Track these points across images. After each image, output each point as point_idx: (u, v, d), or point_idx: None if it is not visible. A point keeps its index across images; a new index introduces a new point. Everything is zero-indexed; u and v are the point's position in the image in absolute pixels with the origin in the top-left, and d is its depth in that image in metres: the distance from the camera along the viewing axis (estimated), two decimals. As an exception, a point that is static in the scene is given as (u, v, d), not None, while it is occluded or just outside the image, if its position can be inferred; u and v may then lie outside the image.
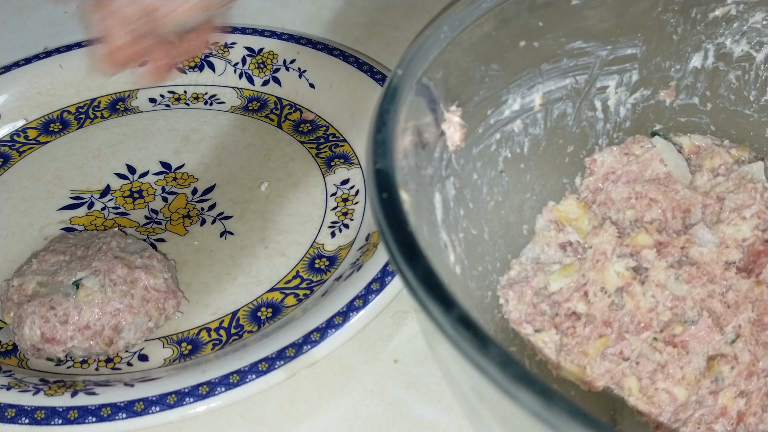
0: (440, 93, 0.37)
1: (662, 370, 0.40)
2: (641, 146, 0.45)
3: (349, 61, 0.64)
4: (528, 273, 0.42)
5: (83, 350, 0.49)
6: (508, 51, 0.40)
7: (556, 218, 0.44)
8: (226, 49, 0.67)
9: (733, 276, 0.42)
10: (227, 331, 0.51)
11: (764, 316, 0.41)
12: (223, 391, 0.44)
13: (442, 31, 0.37)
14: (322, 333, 0.46)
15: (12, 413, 0.44)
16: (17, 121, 0.65)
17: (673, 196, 0.44)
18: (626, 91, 0.44)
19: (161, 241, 0.56)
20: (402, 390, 0.47)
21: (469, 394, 0.30)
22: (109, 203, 0.59)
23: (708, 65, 0.44)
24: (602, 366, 0.40)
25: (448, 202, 0.38)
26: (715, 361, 0.40)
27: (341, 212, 0.57)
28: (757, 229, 0.42)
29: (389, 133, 0.33)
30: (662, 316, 0.41)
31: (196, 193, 0.59)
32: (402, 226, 0.30)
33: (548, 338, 0.40)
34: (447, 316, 0.27)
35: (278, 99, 0.66)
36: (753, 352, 0.40)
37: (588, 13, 0.42)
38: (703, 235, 0.42)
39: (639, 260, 0.42)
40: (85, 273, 0.49)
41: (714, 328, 0.40)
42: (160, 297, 0.50)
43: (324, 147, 0.62)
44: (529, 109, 0.42)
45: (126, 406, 0.44)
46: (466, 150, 0.39)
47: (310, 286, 0.53)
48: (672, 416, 0.40)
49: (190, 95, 0.67)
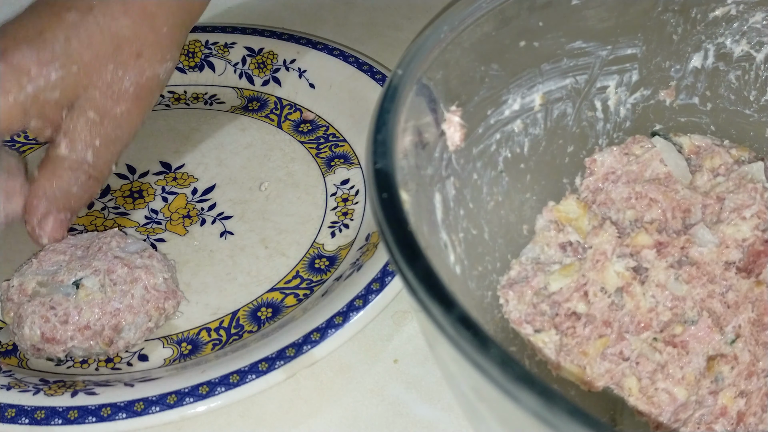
0: (440, 93, 0.37)
1: (662, 370, 0.40)
2: (641, 146, 0.45)
3: (349, 61, 0.64)
4: (528, 273, 0.42)
5: (83, 350, 0.49)
6: (508, 51, 0.40)
7: (556, 218, 0.44)
8: (226, 49, 0.67)
9: (733, 276, 0.42)
10: (227, 331, 0.51)
11: (764, 316, 0.41)
12: (223, 391, 0.44)
13: (442, 31, 0.37)
14: (322, 333, 0.46)
15: (12, 413, 0.44)
16: (17, 121, 0.65)
17: (673, 196, 0.44)
18: (626, 91, 0.44)
19: (161, 241, 0.56)
20: (402, 390, 0.47)
21: (469, 394, 0.30)
22: (109, 203, 0.59)
23: (708, 65, 0.44)
24: (602, 366, 0.40)
25: (448, 202, 0.38)
26: (715, 361, 0.40)
27: (341, 212, 0.57)
28: (757, 229, 0.42)
29: (389, 133, 0.33)
30: (662, 316, 0.41)
31: (196, 193, 0.59)
32: (402, 226, 0.30)
33: (548, 338, 0.40)
34: (447, 316, 0.27)
35: (278, 99, 0.66)
36: (753, 352, 0.40)
37: (588, 13, 0.42)
38: (703, 235, 0.42)
39: (639, 260, 0.42)
40: (85, 273, 0.50)
41: (714, 328, 0.40)
42: (160, 297, 0.50)
43: (324, 147, 0.62)
44: (529, 109, 0.42)
45: (126, 406, 0.44)
46: (466, 150, 0.39)
47: (310, 286, 0.53)
48: (672, 416, 0.40)
49: (190, 95, 0.67)
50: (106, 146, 0.52)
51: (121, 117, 0.52)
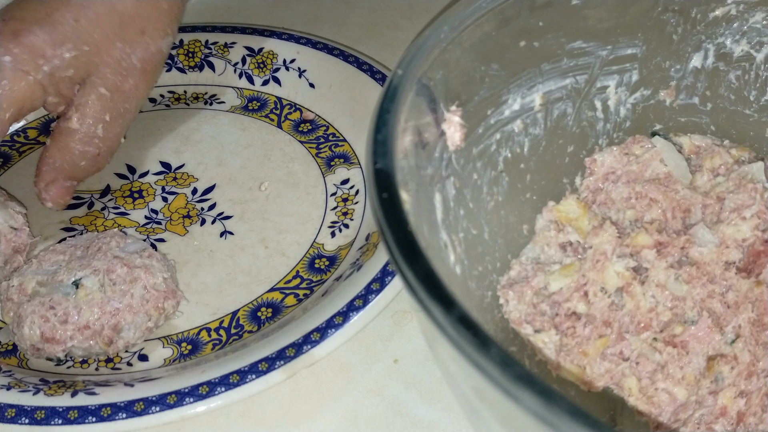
0: (440, 93, 0.37)
1: (662, 370, 0.40)
2: (641, 146, 0.45)
3: (349, 61, 0.64)
4: (528, 273, 0.42)
5: (83, 350, 0.49)
6: (508, 51, 0.40)
7: (556, 218, 0.44)
8: (226, 49, 0.67)
9: (733, 276, 0.42)
10: (227, 331, 0.51)
11: (764, 317, 0.41)
12: (223, 391, 0.44)
13: (442, 31, 0.37)
14: (322, 333, 0.46)
15: (12, 413, 0.44)
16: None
17: (673, 196, 0.44)
18: (626, 91, 0.44)
19: (161, 241, 0.56)
20: (402, 390, 0.47)
21: (469, 394, 0.30)
22: (109, 203, 0.59)
23: (708, 65, 0.44)
24: (602, 366, 0.40)
25: (448, 202, 0.38)
26: (714, 361, 0.40)
27: (341, 212, 0.57)
28: (757, 229, 0.42)
29: (389, 133, 0.33)
30: (662, 316, 0.41)
31: (196, 193, 0.59)
32: (402, 226, 0.30)
33: (548, 339, 0.40)
34: (447, 316, 0.27)
35: (278, 99, 0.66)
36: (753, 352, 0.40)
37: (588, 13, 0.42)
38: (703, 235, 0.42)
39: (639, 260, 0.42)
40: (85, 273, 0.50)
41: (714, 329, 0.40)
42: (159, 297, 0.50)
43: (324, 147, 0.62)
44: (529, 109, 0.42)
45: (126, 406, 0.44)
46: (466, 150, 0.39)
47: (310, 286, 0.53)
48: (672, 416, 0.40)
49: (190, 95, 0.67)
50: (115, 120, 0.55)
51: (130, 91, 0.55)
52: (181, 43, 0.67)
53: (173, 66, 0.67)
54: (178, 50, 0.67)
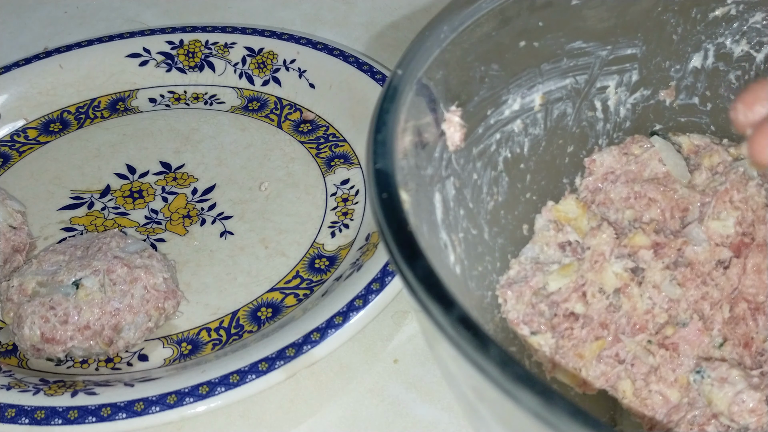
0: (440, 93, 0.37)
1: (655, 373, 0.40)
2: (640, 146, 0.45)
3: (349, 61, 0.64)
4: (527, 273, 0.42)
5: (83, 350, 0.49)
6: (508, 51, 0.40)
7: (556, 218, 0.44)
8: (226, 49, 0.67)
9: (719, 275, 0.41)
10: (227, 331, 0.51)
11: (748, 319, 0.41)
12: (223, 391, 0.44)
13: (442, 31, 0.37)
14: (322, 333, 0.46)
15: (12, 413, 0.44)
16: (17, 121, 0.65)
17: (672, 196, 0.44)
18: (626, 91, 0.44)
19: (161, 241, 0.56)
20: (402, 390, 0.47)
21: (469, 394, 0.30)
22: (109, 203, 0.59)
23: (708, 65, 0.44)
24: (598, 368, 0.40)
25: (448, 202, 0.38)
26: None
27: (341, 212, 0.57)
28: (738, 224, 0.42)
29: (389, 133, 0.33)
30: (658, 318, 0.41)
31: (196, 193, 0.59)
32: (402, 226, 0.30)
33: (543, 341, 0.40)
34: (447, 316, 0.27)
35: (278, 99, 0.66)
36: (740, 354, 0.40)
37: (588, 13, 0.42)
38: (697, 234, 0.42)
39: (636, 261, 0.42)
40: (85, 273, 0.50)
41: (704, 331, 0.40)
42: (159, 297, 0.50)
43: (324, 147, 0.62)
44: (529, 109, 0.42)
45: (126, 406, 0.44)
46: (466, 150, 0.39)
47: (310, 286, 0.53)
48: (665, 418, 0.40)
49: (190, 95, 0.67)
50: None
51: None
52: (181, 43, 0.67)
53: (173, 66, 0.67)
54: (178, 50, 0.67)
